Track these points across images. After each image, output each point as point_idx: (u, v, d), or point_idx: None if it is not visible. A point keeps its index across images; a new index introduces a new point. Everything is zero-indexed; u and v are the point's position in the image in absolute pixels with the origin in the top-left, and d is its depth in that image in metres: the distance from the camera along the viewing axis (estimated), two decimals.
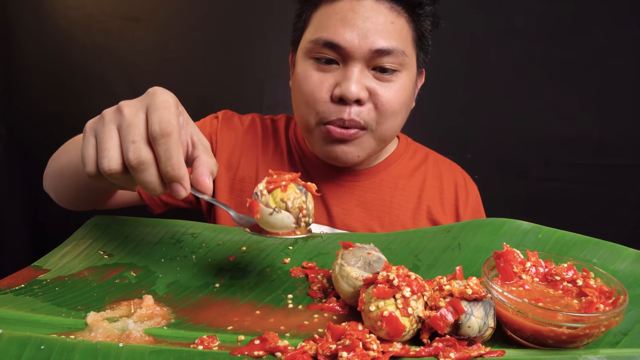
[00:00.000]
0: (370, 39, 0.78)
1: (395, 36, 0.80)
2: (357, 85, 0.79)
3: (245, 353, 0.47)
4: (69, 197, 0.86)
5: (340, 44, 0.79)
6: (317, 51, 0.82)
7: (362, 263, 0.56)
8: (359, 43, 0.78)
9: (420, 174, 1.00)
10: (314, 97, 0.82)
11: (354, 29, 0.79)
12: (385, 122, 0.83)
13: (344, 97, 0.79)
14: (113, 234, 0.73)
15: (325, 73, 0.82)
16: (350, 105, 0.80)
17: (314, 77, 0.82)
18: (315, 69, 0.83)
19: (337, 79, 0.81)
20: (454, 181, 1.01)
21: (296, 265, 0.67)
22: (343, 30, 0.79)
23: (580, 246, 0.65)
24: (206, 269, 0.66)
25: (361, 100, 0.80)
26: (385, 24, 0.80)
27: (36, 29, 1.49)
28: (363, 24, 0.79)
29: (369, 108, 0.81)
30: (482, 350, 0.48)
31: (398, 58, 0.81)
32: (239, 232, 0.75)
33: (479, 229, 0.71)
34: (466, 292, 0.47)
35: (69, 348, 0.47)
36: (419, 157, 1.03)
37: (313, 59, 0.83)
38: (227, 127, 1.01)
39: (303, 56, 0.85)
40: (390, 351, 0.47)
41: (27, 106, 1.55)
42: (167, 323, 0.53)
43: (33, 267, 0.65)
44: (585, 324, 0.45)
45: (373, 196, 0.95)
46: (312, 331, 0.52)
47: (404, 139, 1.05)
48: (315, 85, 0.82)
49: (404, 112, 0.87)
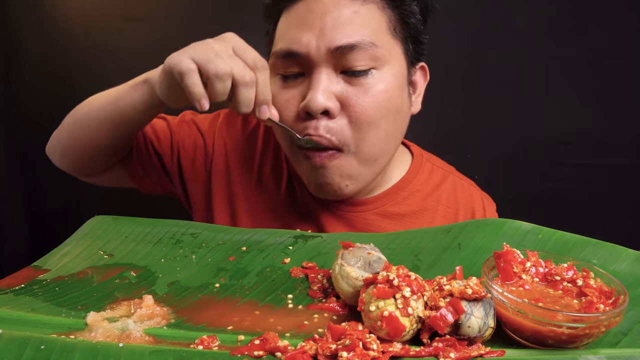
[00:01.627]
0: (329, 36, 0.68)
1: (360, 28, 0.68)
2: (323, 94, 0.68)
3: (245, 353, 0.47)
4: (84, 148, 0.86)
5: (297, 51, 0.70)
6: (280, 66, 0.73)
7: (362, 263, 0.56)
8: (317, 44, 0.68)
9: (432, 202, 0.86)
10: (281, 117, 0.73)
11: (311, 29, 0.69)
12: (363, 137, 0.71)
13: (309, 110, 0.69)
14: (113, 234, 0.73)
15: (291, 89, 0.73)
16: (317, 119, 0.70)
17: (281, 96, 0.73)
18: (281, 86, 0.74)
19: (303, 92, 0.71)
20: (471, 211, 0.88)
21: (296, 265, 0.67)
22: (300, 35, 0.69)
23: (580, 247, 0.65)
24: (206, 269, 0.66)
25: (330, 112, 0.69)
26: (347, 15, 0.68)
27: (36, 29, 1.49)
28: (320, 21, 0.68)
29: (342, 124, 0.70)
30: (482, 350, 0.48)
31: (367, 52, 0.68)
32: (239, 232, 0.75)
33: (479, 229, 0.71)
34: (466, 292, 0.47)
35: (69, 348, 0.47)
36: (433, 181, 0.89)
37: (278, 76, 0.74)
38: (228, 132, 0.91)
39: (271, 74, 0.75)
40: (390, 351, 0.47)
41: (27, 106, 1.55)
42: (167, 323, 0.53)
43: (33, 267, 0.65)
44: (585, 324, 0.45)
45: (376, 230, 0.83)
46: (312, 331, 0.52)
47: (419, 157, 0.91)
48: (282, 105, 0.73)
49: (389, 119, 0.73)
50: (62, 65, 1.51)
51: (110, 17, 1.47)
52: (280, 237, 0.73)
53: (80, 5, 1.46)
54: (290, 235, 0.74)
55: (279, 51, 0.73)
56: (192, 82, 0.63)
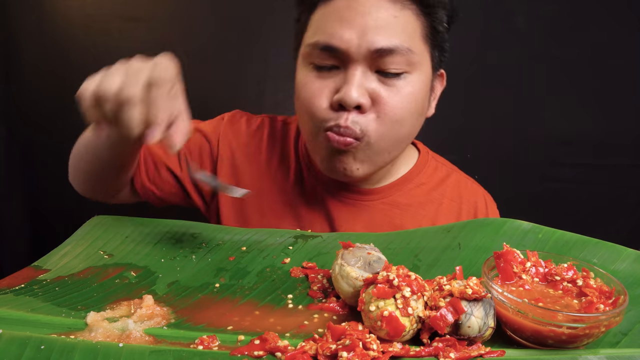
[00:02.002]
0: (370, 36, 0.70)
1: (398, 32, 0.72)
2: (359, 89, 0.71)
3: (245, 353, 0.47)
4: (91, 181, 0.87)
5: (338, 47, 0.72)
6: (316, 56, 0.75)
7: (362, 263, 0.56)
8: (358, 43, 0.71)
9: (437, 196, 0.90)
10: (313, 104, 0.76)
11: (352, 27, 0.71)
12: (385, 133, 0.75)
13: (343, 102, 0.72)
14: (113, 234, 0.73)
15: (326, 80, 0.75)
16: (349, 112, 0.73)
17: (313, 84, 0.76)
18: (315, 75, 0.76)
19: (337, 84, 0.74)
20: (474, 206, 0.91)
21: (296, 265, 0.67)
22: (341, 31, 0.72)
23: (580, 246, 0.65)
24: (206, 269, 0.66)
25: (362, 107, 0.73)
26: (386, 19, 0.71)
27: (36, 29, 1.49)
28: (362, 20, 0.71)
29: (370, 118, 0.74)
30: (482, 350, 0.48)
31: (404, 57, 0.72)
32: (239, 232, 0.75)
33: (479, 229, 0.71)
34: (466, 292, 0.47)
35: (69, 348, 0.47)
36: (438, 176, 0.93)
37: (312, 65, 0.77)
38: (232, 131, 0.94)
39: (302, 62, 0.79)
40: (390, 351, 0.47)
41: (27, 106, 1.55)
42: (167, 323, 0.53)
43: (33, 267, 0.65)
44: (585, 324, 0.45)
45: (383, 218, 0.87)
46: (312, 331, 0.52)
47: (425, 154, 0.95)
48: (314, 93, 0.76)
49: (412, 120, 0.77)
50: (62, 65, 1.51)
51: (110, 17, 1.47)
52: (280, 237, 0.73)
53: (80, 5, 1.46)
54: (290, 235, 0.74)
55: (318, 43, 0.74)
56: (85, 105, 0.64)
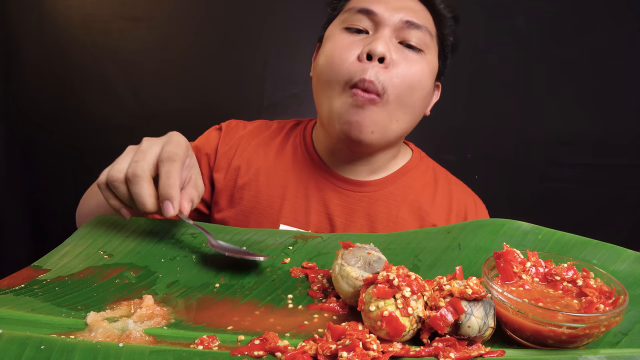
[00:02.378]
0: (402, 13, 0.83)
1: (422, 19, 0.85)
2: (385, 45, 0.81)
3: (245, 353, 0.47)
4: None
5: (373, 10, 0.83)
6: (350, 19, 0.85)
7: (362, 263, 0.56)
8: (390, 13, 0.83)
9: (429, 192, 0.96)
10: (341, 57, 0.83)
11: (388, 4, 0.84)
12: (400, 94, 0.83)
13: (371, 52, 0.80)
14: (113, 234, 0.73)
15: (355, 40, 0.84)
16: (374, 63, 0.80)
17: (344, 41, 0.84)
18: (346, 35, 0.85)
19: (365, 42, 0.83)
20: (464, 205, 0.97)
21: (296, 266, 0.67)
22: (377, 2, 0.84)
23: (579, 247, 0.65)
24: (206, 269, 0.66)
25: (385, 60, 0.81)
26: (414, 7, 0.86)
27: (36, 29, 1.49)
28: (395, 2, 0.84)
29: (390, 76, 0.81)
30: (482, 350, 0.48)
31: (425, 36, 0.84)
32: (239, 232, 0.75)
33: (479, 230, 0.71)
34: (466, 292, 0.47)
35: (69, 348, 0.47)
36: (430, 174, 1.00)
37: (345, 29, 0.86)
38: (229, 138, 0.99)
39: (334, 28, 0.88)
40: (390, 351, 0.47)
41: (27, 106, 1.55)
42: (167, 323, 0.53)
43: (33, 267, 0.65)
44: (585, 324, 0.45)
45: (379, 209, 0.92)
46: (312, 331, 0.52)
47: (418, 153, 1.02)
48: (344, 47, 0.84)
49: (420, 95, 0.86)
50: (62, 64, 1.51)
51: (110, 16, 1.47)
52: (280, 237, 0.73)
53: (80, 5, 1.46)
54: (290, 235, 0.74)
55: (357, 6, 0.85)
56: (105, 195, 0.68)
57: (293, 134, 1.00)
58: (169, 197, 0.63)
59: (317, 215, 0.91)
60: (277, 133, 1.00)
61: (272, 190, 0.94)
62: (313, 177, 0.94)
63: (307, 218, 0.91)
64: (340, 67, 0.83)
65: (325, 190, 0.93)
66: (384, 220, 0.91)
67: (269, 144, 0.99)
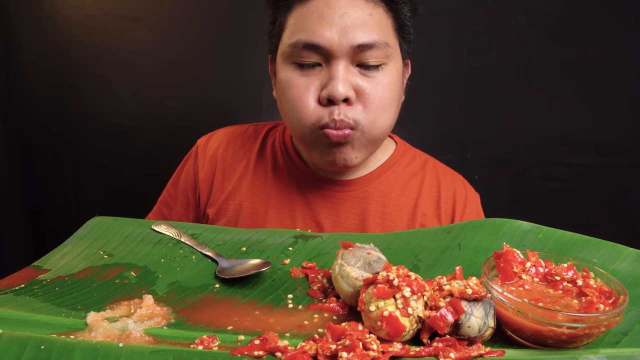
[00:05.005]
0: (351, 34, 0.75)
1: (375, 29, 0.77)
2: (344, 84, 0.76)
3: (245, 353, 0.47)
4: None
5: (320, 44, 0.76)
6: (298, 55, 0.78)
7: (362, 263, 0.56)
8: (339, 40, 0.75)
9: (416, 182, 0.94)
10: (302, 102, 0.79)
11: (332, 26, 0.76)
12: (375, 120, 0.80)
13: (331, 97, 0.76)
14: (113, 234, 0.73)
15: (310, 77, 0.79)
16: (338, 105, 0.77)
17: (299, 82, 0.79)
18: (299, 74, 0.79)
19: (322, 81, 0.78)
20: (452, 190, 0.95)
21: (296, 266, 0.67)
22: (322, 30, 0.76)
23: (580, 246, 0.65)
24: (206, 269, 0.66)
25: (349, 100, 0.77)
26: (363, 17, 0.77)
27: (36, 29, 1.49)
28: (341, 20, 0.76)
29: (358, 109, 0.78)
30: (482, 350, 0.48)
31: (382, 51, 0.78)
32: (239, 233, 0.75)
33: (479, 230, 0.71)
34: (466, 292, 0.47)
35: (69, 348, 0.47)
36: (416, 164, 0.97)
37: (294, 64, 0.80)
38: (203, 158, 0.97)
39: (283, 62, 0.82)
40: (390, 351, 0.47)
41: (27, 106, 1.55)
42: (167, 323, 0.53)
43: (33, 267, 0.65)
44: (585, 324, 0.45)
45: (365, 207, 0.90)
46: (312, 331, 0.52)
47: (402, 145, 1.00)
48: (302, 91, 0.79)
49: (394, 106, 0.83)
50: (63, 64, 1.51)
51: (110, 16, 1.47)
52: (280, 238, 0.73)
53: (80, 4, 1.46)
54: (290, 235, 0.74)
55: (300, 42, 0.78)
56: None
57: (271, 138, 0.97)
58: None
59: (303, 219, 0.90)
60: (255, 137, 0.98)
61: (255, 197, 0.92)
62: (295, 180, 0.92)
63: (293, 223, 0.90)
64: (303, 113, 0.79)
65: (308, 193, 0.91)
66: (373, 217, 0.90)
67: (248, 149, 0.96)
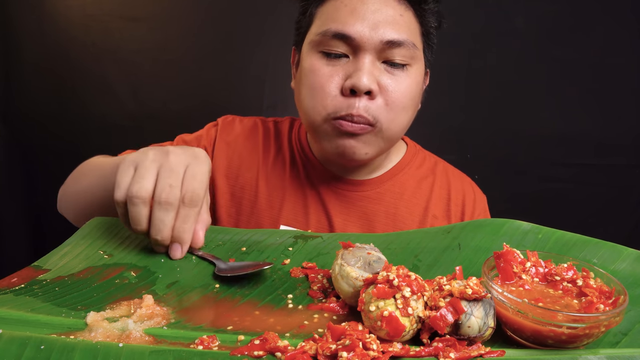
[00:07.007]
0: (381, 30, 0.77)
1: (404, 28, 0.79)
2: (369, 76, 0.77)
3: (245, 353, 0.47)
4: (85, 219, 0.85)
5: (350, 35, 0.77)
6: (326, 44, 0.79)
7: (362, 263, 0.56)
8: (369, 34, 0.77)
9: (427, 184, 0.96)
10: (324, 90, 0.79)
11: (364, 20, 0.77)
12: (394, 119, 0.80)
13: (355, 88, 0.76)
14: (113, 234, 0.73)
15: (335, 67, 0.79)
16: (360, 97, 0.77)
17: (323, 70, 0.80)
18: (325, 62, 0.80)
19: (347, 72, 0.79)
20: (462, 193, 0.97)
21: (296, 266, 0.67)
22: (353, 22, 0.77)
23: (580, 246, 0.65)
24: (206, 269, 0.66)
25: (372, 93, 0.77)
26: (394, 16, 0.79)
27: (36, 29, 1.49)
28: (372, 15, 0.77)
29: (378, 104, 0.79)
30: (482, 350, 0.48)
31: (409, 51, 0.79)
32: (238, 233, 0.75)
33: (479, 230, 0.71)
34: (466, 292, 0.47)
35: (69, 348, 0.47)
36: (427, 166, 0.99)
37: (321, 53, 0.81)
38: (226, 134, 0.99)
39: (310, 50, 0.82)
40: (390, 351, 0.47)
41: (27, 106, 1.55)
42: (167, 323, 0.53)
43: (33, 267, 0.65)
44: (585, 324, 0.45)
45: (377, 207, 0.92)
46: (312, 331, 0.52)
47: (413, 146, 1.02)
48: (325, 79, 0.79)
49: (412, 109, 0.84)
50: (62, 64, 1.51)
51: (110, 17, 1.47)
52: (280, 238, 0.73)
53: (80, 4, 1.46)
54: (290, 235, 0.74)
55: (330, 31, 0.79)
56: (119, 212, 0.63)
57: (289, 135, 1.00)
58: (180, 241, 0.63)
59: (316, 215, 0.92)
60: (275, 134, 1.00)
61: (271, 191, 0.94)
62: (310, 178, 0.94)
63: (306, 218, 0.92)
64: (323, 100, 0.79)
65: (322, 190, 0.93)
66: (383, 219, 0.92)
67: (267, 145, 0.98)
